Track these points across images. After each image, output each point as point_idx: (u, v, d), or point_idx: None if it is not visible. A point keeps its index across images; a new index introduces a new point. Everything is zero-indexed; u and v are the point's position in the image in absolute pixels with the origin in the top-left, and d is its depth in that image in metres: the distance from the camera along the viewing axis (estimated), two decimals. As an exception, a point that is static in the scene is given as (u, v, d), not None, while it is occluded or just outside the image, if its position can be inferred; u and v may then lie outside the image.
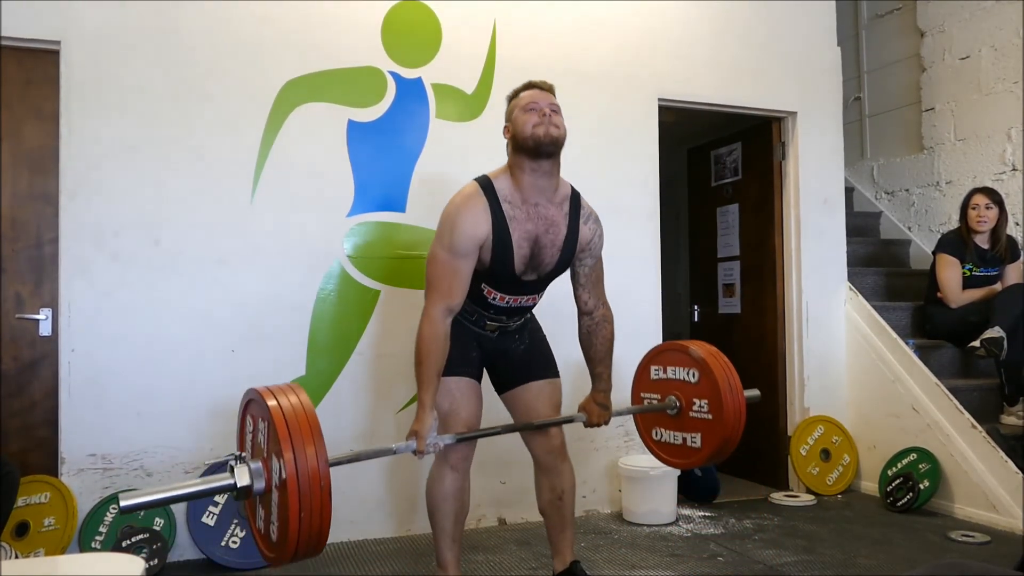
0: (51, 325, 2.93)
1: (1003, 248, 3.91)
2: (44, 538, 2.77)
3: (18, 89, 2.92)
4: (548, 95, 2.27)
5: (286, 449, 1.65)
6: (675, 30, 3.85)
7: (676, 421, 2.54)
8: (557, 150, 2.21)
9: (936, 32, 4.74)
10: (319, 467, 1.68)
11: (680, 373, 2.53)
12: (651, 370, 2.63)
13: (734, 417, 2.41)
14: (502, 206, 2.20)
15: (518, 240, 2.20)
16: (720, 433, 2.41)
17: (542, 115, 2.17)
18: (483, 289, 2.30)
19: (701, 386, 2.46)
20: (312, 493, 1.67)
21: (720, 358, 2.48)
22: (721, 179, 4.67)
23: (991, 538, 3.14)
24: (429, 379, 2.19)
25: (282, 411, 1.72)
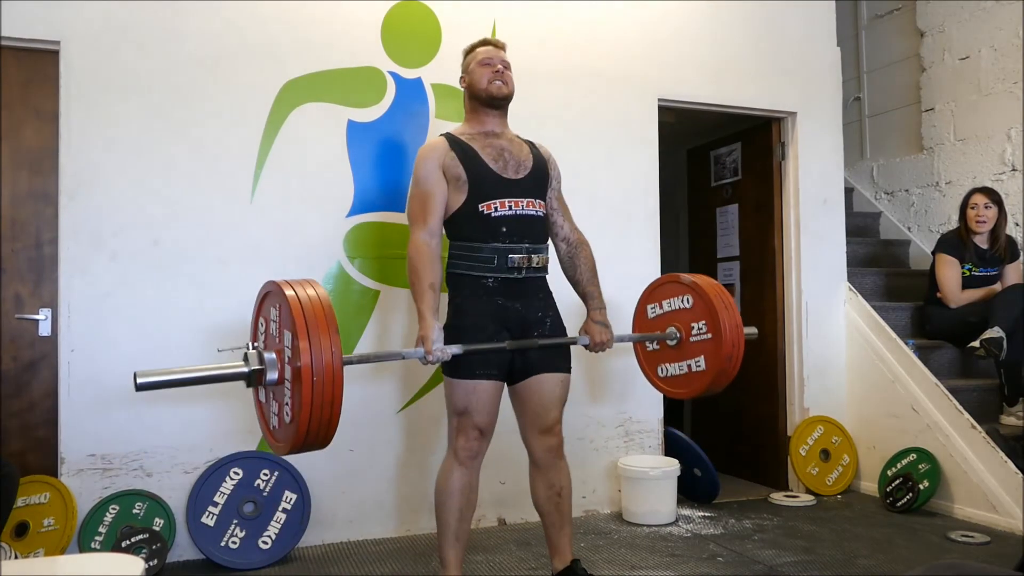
0: (50, 325, 2.93)
1: (1002, 248, 3.92)
2: (44, 538, 2.77)
3: (18, 89, 2.92)
4: (501, 52, 2.53)
5: (302, 338, 1.68)
6: (675, 30, 3.85)
7: (678, 351, 2.57)
8: (507, 103, 2.52)
9: (936, 32, 4.74)
10: (333, 358, 1.71)
11: (676, 303, 2.58)
12: (648, 309, 2.67)
13: (733, 332, 2.44)
14: (460, 138, 2.45)
15: (481, 148, 2.42)
16: (721, 351, 2.43)
17: (495, 71, 2.45)
18: (481, 210, 2.37)
19: (696, 309, 2.51)
20: (325, 383, 1.69)
21: (709, 279, 2.55)
22: (721, 179, 4.67)
23: (991, 538, 3.14)
24: (422, 292, 2.31)
25: (300, 301, 1.76)
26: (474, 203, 2.37)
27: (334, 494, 3.19)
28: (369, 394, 3.27)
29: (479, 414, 2.35)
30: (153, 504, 2.91)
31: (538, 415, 2.43)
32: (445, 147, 2.41)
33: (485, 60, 2.48)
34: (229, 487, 2.98)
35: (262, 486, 3.01)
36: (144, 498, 2.91)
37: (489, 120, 2.51)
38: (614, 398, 3.67)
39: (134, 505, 2.89)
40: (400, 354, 2.24)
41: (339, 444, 3.18)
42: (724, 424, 4.58)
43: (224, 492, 2.98)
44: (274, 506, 3.01)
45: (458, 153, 2.39)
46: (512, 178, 2.42)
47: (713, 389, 2.53)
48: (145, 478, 2.95)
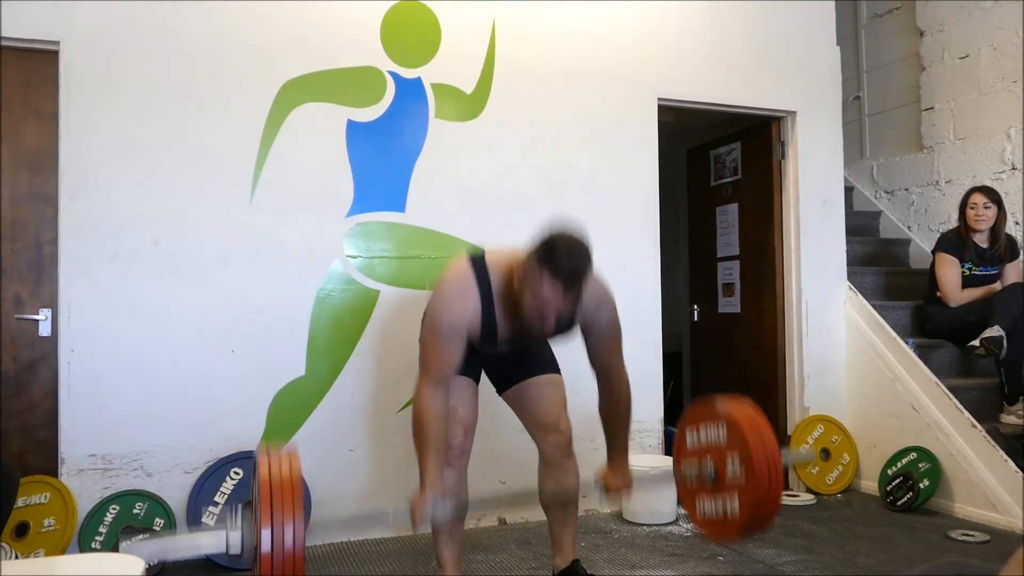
0: (50, 326, 2.93)
1: (1002, 247, 3.91)
2: (44, 539, 2.77)
3: (17, 89, 2.92)
4: (568, 300, 2.02)
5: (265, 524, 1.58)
6: (675, 30, 3.85)
7: (714, 488, 2.25)
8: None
9: (935, 31, 4.74)
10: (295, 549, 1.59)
11: (712, 433, 2.26)
12: (687, 436, 2.36)
13: (766, 465, 2.08)
14: (493, 301, 2.15)
15: (503, 330, 2.19)
16: (754, 492, 2.07)
17: (542, 316, 2.03)
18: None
19: (731, 441, 2.18)
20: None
21: (747, 406, 2.22)
22: (720, 179, 4.67)
23: (991, 537, 3.14)
24: (424, 455, 2.13)
25: (270, 480, 1.63)
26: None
27: (334, 494, 3.18)
28: (369, 394, 3.27)
29: (462, 405, 2.32)
30: (153, 504, 2.91)
31: (537, 416, 2.40)
32: (476, 310, 2.15)
33: (547, 300, 2.00)
34: (229, 487, 2.98)
35: (262, 486, 3.01)
36: (144, 498, 2.91)
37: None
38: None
39: (134, 505, 2.89)
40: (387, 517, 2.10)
41: (340, 443, 3.20)
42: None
43: (224, 492, 2.98)
44: (274, 506, 3.00)
45: (483, 322, 2.16)
46: (517, 350, 2.34)
47: (752, 532, 2.21)
48: (145, 478, 2.95)
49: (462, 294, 2.16)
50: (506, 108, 3.51)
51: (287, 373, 3.16)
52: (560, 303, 2.00)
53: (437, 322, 2.17)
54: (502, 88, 3.50)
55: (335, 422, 3.20)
